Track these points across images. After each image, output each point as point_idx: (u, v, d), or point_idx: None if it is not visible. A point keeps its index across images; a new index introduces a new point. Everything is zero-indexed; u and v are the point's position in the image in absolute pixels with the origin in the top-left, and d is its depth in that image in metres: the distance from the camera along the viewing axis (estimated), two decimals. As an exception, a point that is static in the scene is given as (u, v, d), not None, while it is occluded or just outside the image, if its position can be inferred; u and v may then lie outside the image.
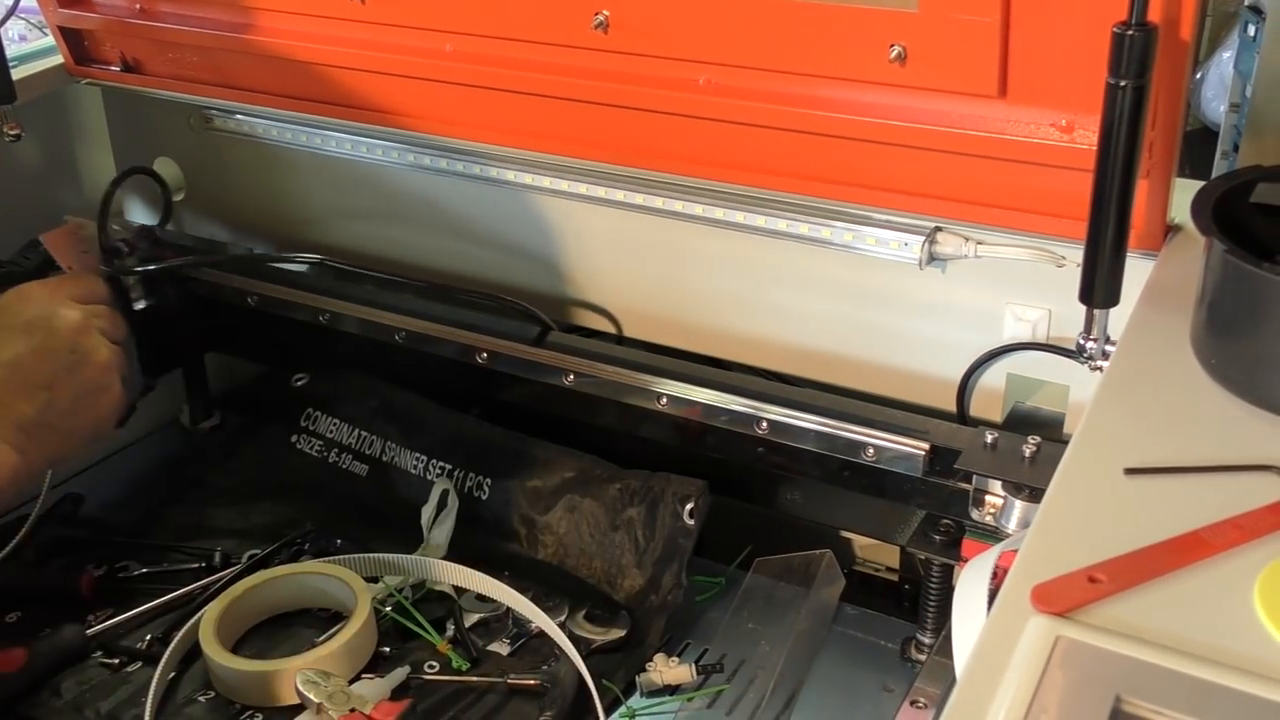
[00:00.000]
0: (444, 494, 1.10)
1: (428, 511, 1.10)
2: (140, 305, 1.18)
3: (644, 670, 0.97)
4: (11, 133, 1.23)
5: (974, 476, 0.92)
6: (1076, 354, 0.88)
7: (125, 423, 1.09)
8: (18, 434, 0.90)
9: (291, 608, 1.03)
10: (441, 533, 1.09)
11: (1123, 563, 0.60)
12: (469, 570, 1.04)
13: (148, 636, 1.01)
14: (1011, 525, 0.90)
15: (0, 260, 1.21)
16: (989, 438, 0.93)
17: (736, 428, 1.03)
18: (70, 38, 1.30)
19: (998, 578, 0.77)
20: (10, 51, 1.26)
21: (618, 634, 1.00)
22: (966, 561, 0.90)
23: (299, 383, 1.26)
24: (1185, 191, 0.79)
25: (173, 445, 1.35)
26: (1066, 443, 0.72)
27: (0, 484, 0.88)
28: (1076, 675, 0.54)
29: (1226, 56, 1.61)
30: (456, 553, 1.07)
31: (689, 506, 1.03)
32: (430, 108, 1.14)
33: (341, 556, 1.05)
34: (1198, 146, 1.28)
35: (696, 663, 0.98)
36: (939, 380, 1.04)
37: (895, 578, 1.13)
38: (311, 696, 0.89)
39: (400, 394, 1.20)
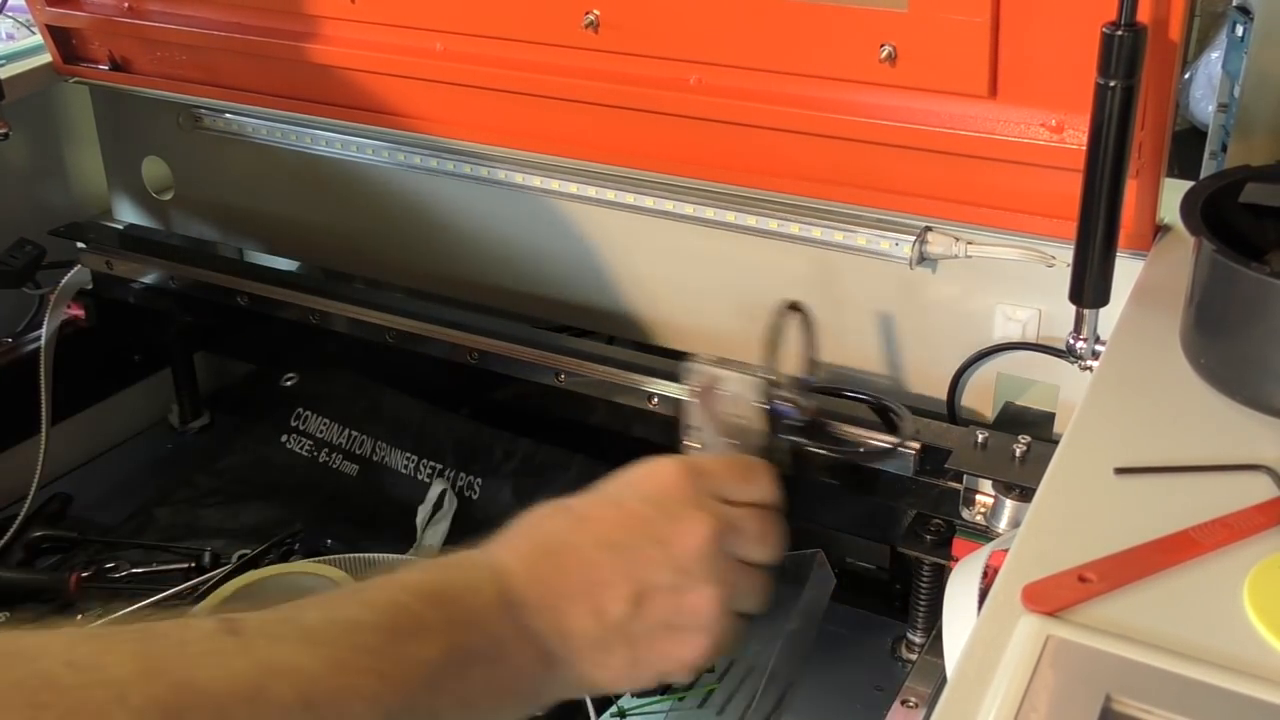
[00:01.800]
0: (442, 494, 1.10)
1: (423, 512, 1.10)
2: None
3: (635, 670, 0.97)
4: (-1, 131, 1.22)
5: (964, 476, 0.92)
6: (1066, 354, 0.88)
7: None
8: (560, 640, 0.61)
9: (281, 608, 1.03)
10: (436, 534, 1.09)
11: (1113, 562, 0.60)
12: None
13: (137, 637, 1.01)
14: (1002, 525, 0.90)
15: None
16: (979, 437, 0.93)
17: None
18: (58, 36, 1.30)
19: (988, 577, 0.77)
20: (-2, 50, 1.26)
21: (609, 634, 1.00)
22: (957, 561, 0.90)
23: (289, 382, 1.26)
24: (1174, 191, 0.79)
25: (162, 445, 1.35)
26: (1056, 442, 0.72)
27: (496, 689, 0.60)
28: (1067, 674, 0.54)
29: (1215, 57, 1.61)
30: (447, 552, 1.07)
31: (680, 506, 1.02)
32: (420, 107, 1.13)
33: (332, 556, 1.05)
34: (1186, 147, 1.28)
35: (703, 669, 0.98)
36: (930, 380, 1.04)
37: (886, 577, 1.13)
38: (302, 697, 0.89)
39: (390, 394, 1.20)
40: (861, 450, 0.96)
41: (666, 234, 1.11)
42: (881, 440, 0.96)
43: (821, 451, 0.89)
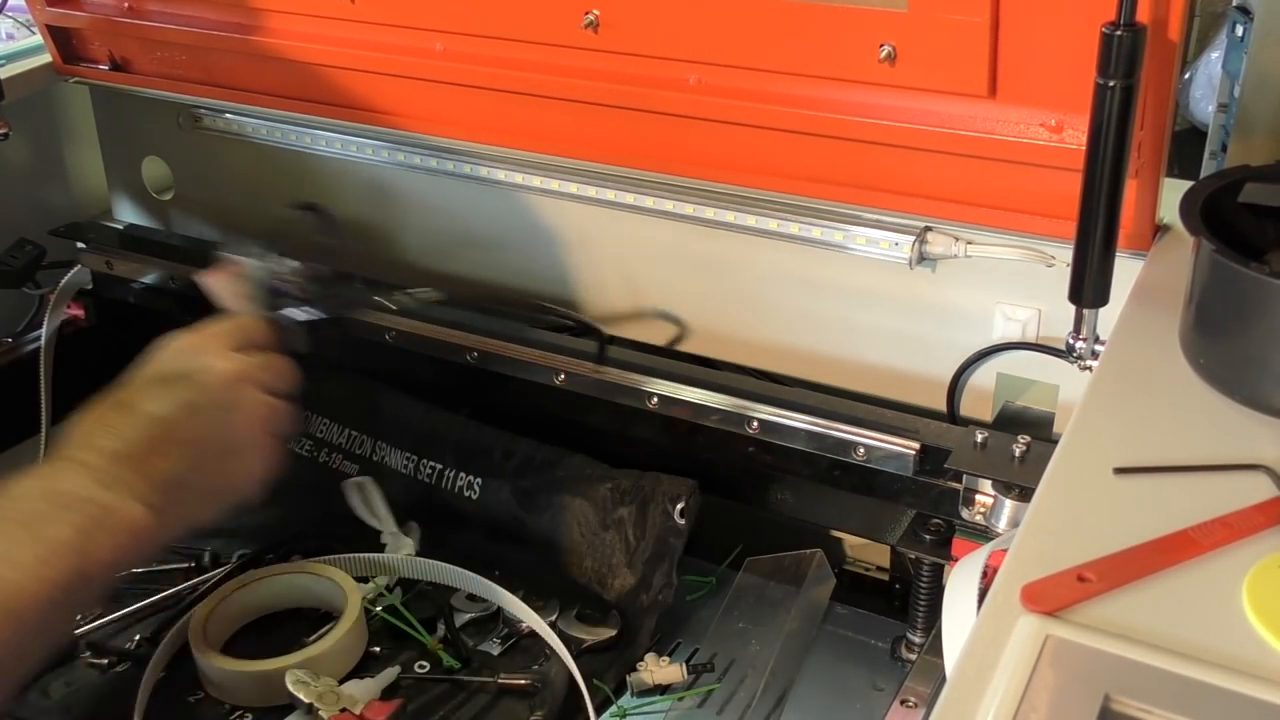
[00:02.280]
0: (357, 487, 1.11)
1: (360, 513, 1.10)
2: (302, 351, 0.99)
3: (635, 670, 0.97)
4: (-1, 131, 1.23)
5: (964, 476, 0.92)
6: (1066, 353, 0.88)
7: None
8: (153, 492, 0.79)
9: (281, 608, 1.03)
10: (390, 521, 1.09)
11: (1112, 562, 0.60)
12: (459, 570, 1.04)
13: (136, 637, 1.01)
14: (1001, 524, 0.90)
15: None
16: (979, 437, 0.93)
17: (727, 427, 1.03)
18: (58, 36, 1.30)
19: (987, 577, 0.77)
20: (-3, 50, 1.26)
21: (608, 633, 1.00)
22: (957, 561, 0.90)
23: (288, 382, 1.25)
24: (1174, 191, 0.79)
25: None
26: (1056, 442, 0.72)
27: (129, 545, 0.77)
28: (1066, 674, 0.54)
29: (1215, 57, 1.61)
30: (448, 553, 1.07)
31: (679, 506, 1.03)
32: (420, 107, 1.13)
33: (331, 556, 1.05)
34: (1186, 146, 1.28)
35: (687, 662, 0.99)
36: (929, 380, 1.04)
37: (885, 577, 1.13)
38: (302, 696, 0.89)
39: (390, 394, 1.20)
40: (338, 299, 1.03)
41: (666, 234, 1.11)
42: (881, 440, 0.96)
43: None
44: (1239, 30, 1.06)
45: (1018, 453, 0.91)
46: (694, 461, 1.06)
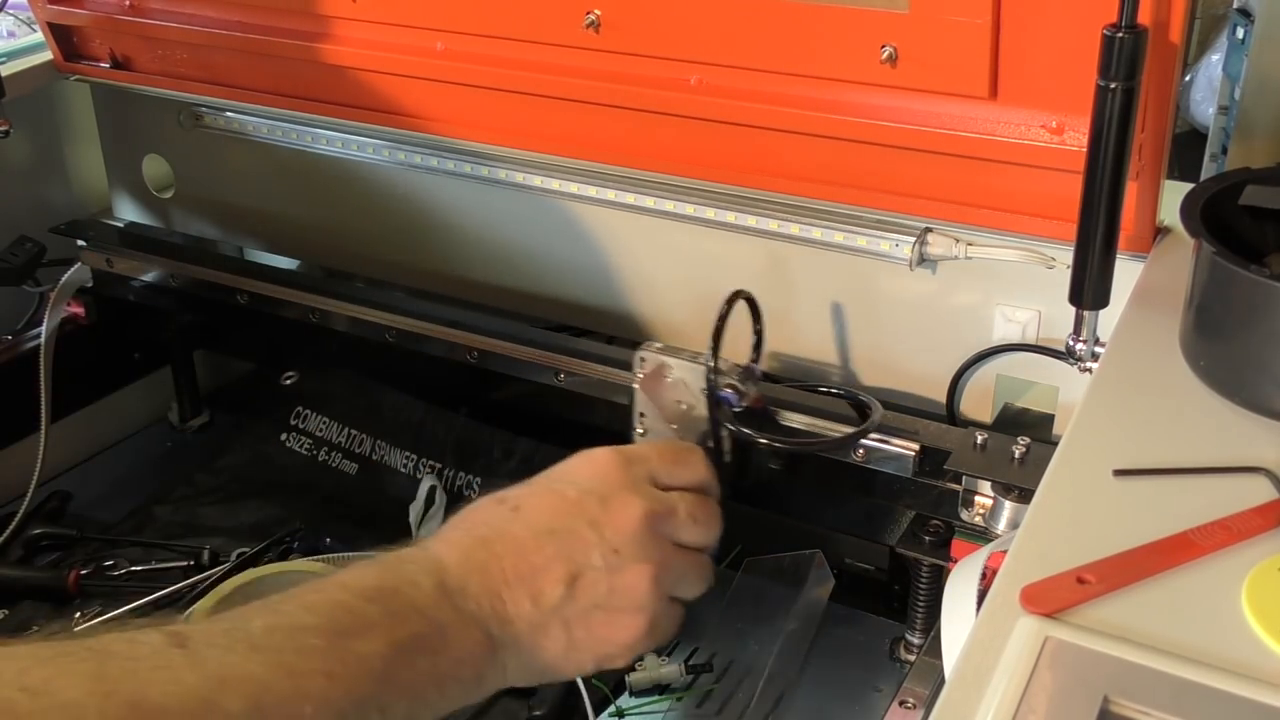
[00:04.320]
0: (431, 490, 1.10)
1: (415, 509, 1.10)
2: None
3: (633, 669, 0.97)
4: (0, 129, 1.22)
5: (963, 477, 0.92)
6: (1066, 355, 0.88)
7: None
8: (505, 626, 0.63)
9: (280, 606, 1.03)
10: (430, 530, 1.09)
11: (1111, 564, 0.60)
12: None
13: (136, 635, 1.01)
14: (1001, 526, 0.90)
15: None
16: (978, 438, 0.93)
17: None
18: (59, 34, 1.30)
19: (987, 578, 0.77)
20: (-1, 47, 1.26)
21: (607, 633, 1.00)
22: (956, 562, 0.90)
23: (288, 381, 1.26)
24: (1174, 193, 0.79)
25: (161, 443, 1.35)
26: (1056, 444, 0.72)
27: (450, 679, 0.61)
28: (1065, 676, 0.54)
29: (1215, 59, 1.61)
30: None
31: (679, 506, 1.02)
32: (421, 106, 1.13)
33: (330, 555, 1.05)
34: (1187, 149, 1.28)
35: (685, 662, 0.98)
36: (929, 381, 1.04)
37: (885, 578, 1.13)
38: (300, 695, 0.89)
39: (390, 392, 1.20)
40: (820, 442, 0.94)
41: (666, 234, 1.11)
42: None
43: (778, 444, 0.91)
44: (1239, 33, 1.06)
45: (1017, 454, 0.91)
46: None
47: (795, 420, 0.95)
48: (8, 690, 0.48)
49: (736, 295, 0.88)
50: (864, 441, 0.97)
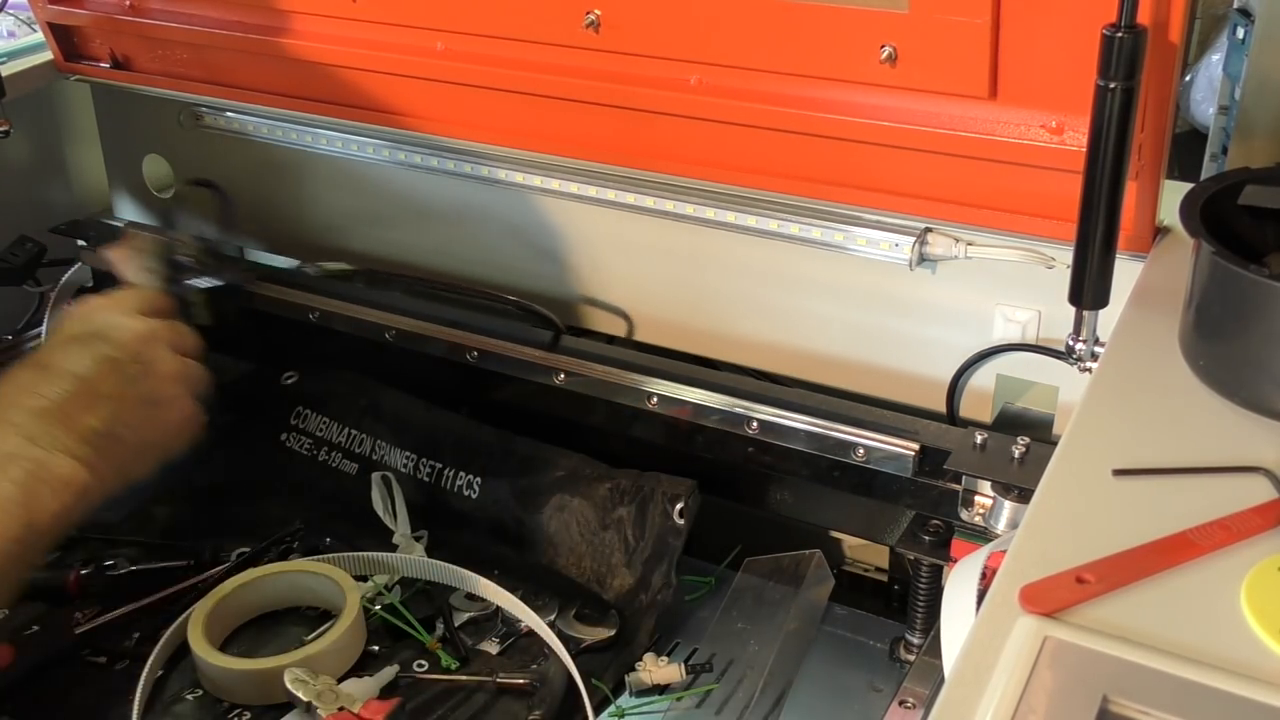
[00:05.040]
0: (384, 480, 1.11)
1: (379, 507, 1.10)
2: (205, 323, 1.07)
3: (633, 669, 0.97)
4: (0, 129, 1.22)
5: (963, 477, 0.92)
6: (1066, 355, 0.88)
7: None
8: (84, 448, 0.84)
9: (280, 606, 1.03)
10: (403, 521, 1.09)
11: (1111, 563, 0.60)
12: (458, 569, 1.04)
13: (135, 634, 1.01)
14: (1000, 526, 0.90)
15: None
16: (978, 438, 0.93)
17: (726, 427, 1.03)
18: (60, 34, 1.30)
19: (986, 578, 0.77)
20: (-1, 47, 1.26)
21: (607, 633, 1.00)
22: (955, 562, 0.90)
23: (289, 380, 1.26)
24: (1174, 193, 0.79)
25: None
26: (1055, 444, 0.72)
27: (68, 500, 0.82)
28: (1064, 675, 0.54)
29: (1215, 59, 1.61)
30: (446, 552, 1.07)
31: (679, 506, 1.03)
32: (421, 106, 1.13)
33: (330, 555, 1.05)
34: (1187, 149, 1.28)
35: (686, 662, 0.99)
36: (929, 381, 1.04)
37: (884, 578, 1.13)
38: (300, 695, 0.89)
39: (390, 392, 1.20)
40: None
41: (666, 234, 1.11)
42: (880, 441, 0.96)
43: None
44: (1240, 32, 1.06)
45: (1017, 454, 0.91)
46: (693, 461, 1.06)
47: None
48: None
49: (201, 183, 1.23)
50: (864, 441, 0.97)
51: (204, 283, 1.10)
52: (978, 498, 0.92)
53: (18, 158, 1.33)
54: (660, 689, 0.97)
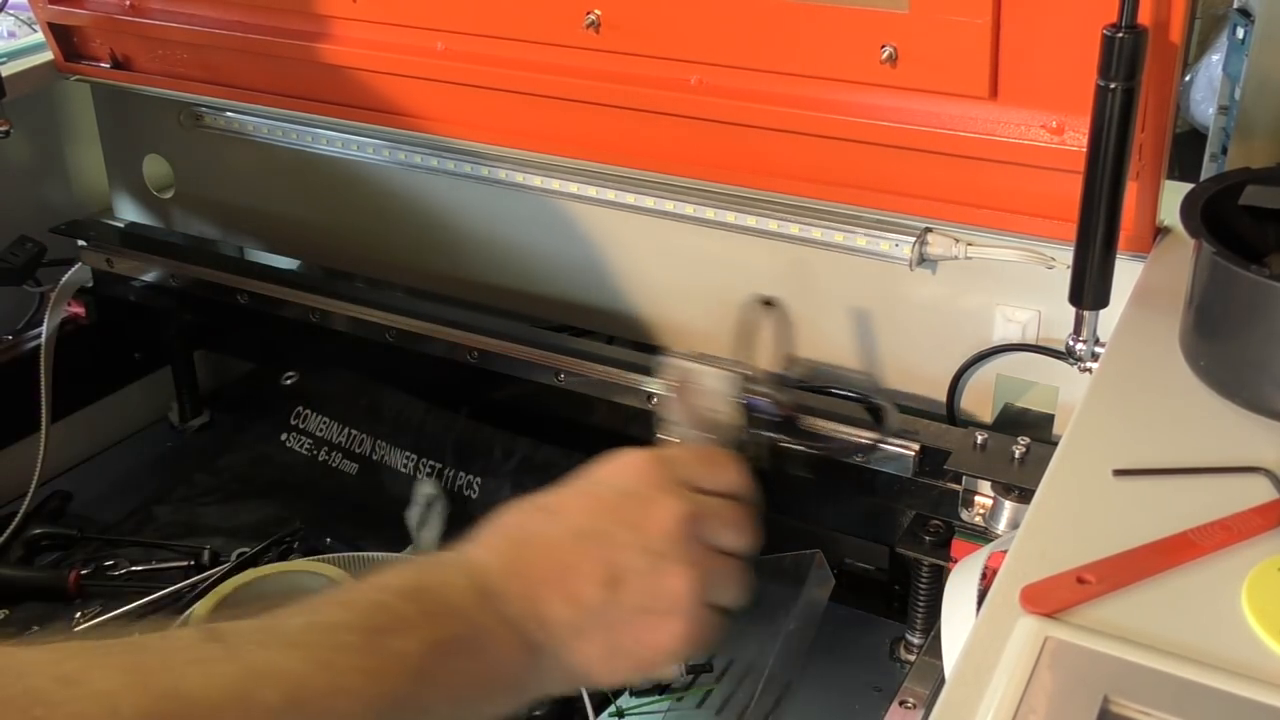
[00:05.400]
0: (429, 496, 1.10)
1: (414, 514, 1.10)
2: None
3: (633, 669, 0.97)
4: (0, 129, 1.22)
5: (963, 477, 0.92)
6: (1066, 355, 0.88)
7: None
8: (543, 628, 0.62)
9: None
10: (430, 535, 1.09)
11: (1111, 564, 0.60)
12: (458, 569, 1.04)
13: (135, 635, 1.00)
14: (1001, 526, 0.90)
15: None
16: (979, 438, 0.93)
17: (726, 427, 1.03)
18: (60, 34, 1.30)
19: (987, 578, 0.77)
20: (-1, 47, 1.26)
21: (607, 633, 1.00)
22: (956, 562, 0.90)
23: (289, 381, 1.26)
24: (1174, 193, 0.79)
25: (162, 443, 1.35)
26: (1056, 444, 0.72)
27: (486, 680, 0.60)
28: (1065, 676, 0.54)
29: (1216, 59, 1.61)
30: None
31: (679, 506, 1.02)
32: (421, 106, 1.13)
33: (331, 555, 1.05)
34: (1187, 149, 1.28)
35: (685, 662, 0.98)
36: (929, 381, 1.04)
37: (885, 578, 1.13)
38: (300, 695, 0.89)
39: (390, 393, 1.20)
40: (843, 446, 0.95)
41: (666, 234, 1.11)
42: (863, 436, 0.96)
43: (802, 447, 0.91)
44: (1240, 33, 1.06)
45: (1017, 454, 0.91)
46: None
47: (816, 425, 0.95)
48: (41, 679, 0.47)
49: (765, 302, 0.87)
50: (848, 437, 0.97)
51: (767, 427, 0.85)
52: (978, 498, 0.92)
53: (18, 158, 1.33)
54: (660, 689, 0.97)
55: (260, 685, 0.51)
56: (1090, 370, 0.86)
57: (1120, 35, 0.74)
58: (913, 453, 0.95)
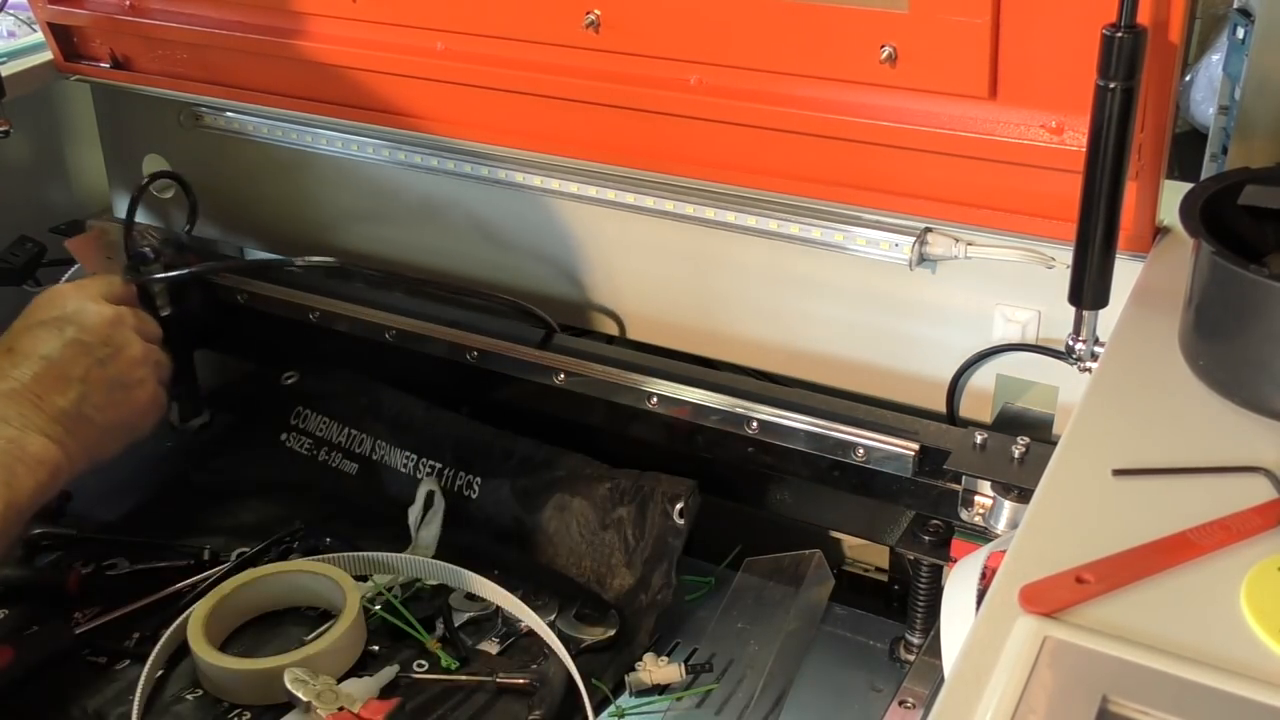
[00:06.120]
0: (430, 494, 1.10)
1: (414, 512, 1.10)
2: (165, 312, 1.15)
3: (633, 669, 0.98)
4: (0, 129, 1.22)
5: (963, 477, 0.92)
6: (1065, 355, 0.88)
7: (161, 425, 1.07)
8: (55, 427, 0.89)
9: (280, 606, 1.03)
10: (429, 533, 1.09)
11: (1110, 563, 0.60)
12: (458, 569, 1.04)
13: (135, 634, 1.01)
14: (1000, 526, 0.90)
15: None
16: (978, 438, 0.93)
17: (726, 427, 1.03)
18: (59, 34, 1.30)
19: (986, 578, 0.77)
20: (-1, 47, 1.26)
21: (607, 633, 1.00)
22: (955, 562, 0.90)
23: (289, 380, 1.26)
24: (1174, 193, 0.79)
25: (161, 443, 1.35)
26: (1055, 444, 0.72)
27: (43, 478, 0.87)
28: (1064, 675, 0.54)
29: (1215, 59, 1.61)
30: (446, 552, 1.07)
31: (679, 506, 1.03)
32: (421, 106, 1.13)
33: (331, 555, 1.05)
34: (1187, 148, 1.28)
35: (686, 662, 0.99)
36: (929, 381, 1.04)
37: (884, 578, 1.13)
38: (300, 695, 0.89)
39: (390, 392, 1.20)
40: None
41: (666, 234, 1.11)
42: (880, 441, 0.96)
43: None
44: (1240, 32, 1.06)
45: (1017, 454, 0.91)
46: (694, 461, 1.06)
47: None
48: None
49: (163, 175, 1.26)
50: (864, 441, 0.97)
51: (165, 273, 1.14)
52: (978, 498, 0.92)
53: (18, 158, 1.33)
54: (660, 689, 0.97)
55: None
56: (1090, 370, 0.86)
57: (1120, 35, 0.74)
58: (912, 452, 0.95)
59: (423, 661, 0.98)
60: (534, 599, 1.03)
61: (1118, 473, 0.67)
